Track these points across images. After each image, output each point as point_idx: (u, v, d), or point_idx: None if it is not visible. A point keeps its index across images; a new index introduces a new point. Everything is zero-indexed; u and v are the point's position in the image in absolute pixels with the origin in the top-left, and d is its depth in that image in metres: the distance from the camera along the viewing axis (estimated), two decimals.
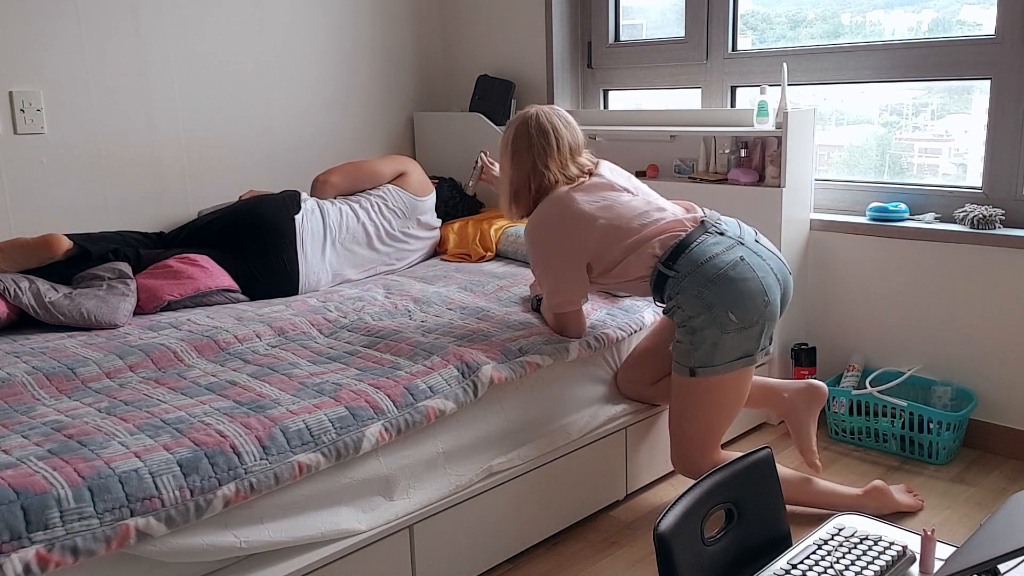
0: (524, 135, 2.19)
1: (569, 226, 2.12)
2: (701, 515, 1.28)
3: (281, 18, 3.27)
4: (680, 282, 2.03)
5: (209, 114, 3.10)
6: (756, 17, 3.10)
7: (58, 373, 1.90)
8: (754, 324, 2.01)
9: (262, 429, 1.63)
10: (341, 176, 3.00)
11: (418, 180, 3.11)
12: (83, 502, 1.38)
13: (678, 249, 2.05)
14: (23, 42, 2.66)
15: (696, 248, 2.04)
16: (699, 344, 2.02)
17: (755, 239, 2.13)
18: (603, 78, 3.50)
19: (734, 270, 2.00)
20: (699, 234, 2.07)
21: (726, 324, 1.98)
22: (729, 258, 2.02)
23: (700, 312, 2.00)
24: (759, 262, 2.05)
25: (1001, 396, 2.57)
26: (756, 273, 2.02)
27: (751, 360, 2.04)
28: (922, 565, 1.23)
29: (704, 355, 2.02)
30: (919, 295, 2.68)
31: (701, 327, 2.00)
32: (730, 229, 2.11)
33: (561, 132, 2.19)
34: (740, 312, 1.98)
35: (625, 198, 2.17)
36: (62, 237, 2.45)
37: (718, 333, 2.00)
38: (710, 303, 1.99)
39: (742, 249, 2.05)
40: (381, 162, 3.10)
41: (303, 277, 2.69)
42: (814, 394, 2.25)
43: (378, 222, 2.93)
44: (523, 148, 2.19)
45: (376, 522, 1.78)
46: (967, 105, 2.69)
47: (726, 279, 1.99)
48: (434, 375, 1.92)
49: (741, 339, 2.01)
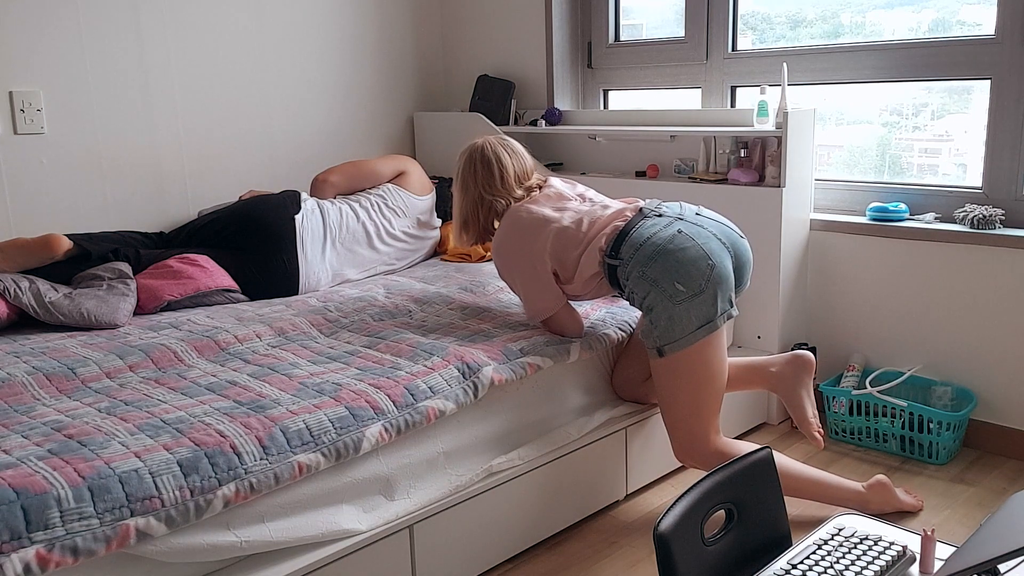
0: (470, 167, 2.31)
1: (524, 234, 2.20)
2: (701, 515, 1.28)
3: (281, 18, 3.27)
4: (626, 268, 2.07)
5: (209, 114, 3.10)
6: (756, 17, 3.10)
7: (58, 373, 1.90)
8: (703, 290, 2.02)
9: (262, 429, 1.63)
10: (340, 175, 3.00)
11: (418, 180, 3.11)
12: (83, 502, 1.38)
13: (619, 238, 2.10)
14: (23, 42, 2.66)
15: (635, 232, 2.09)
16: (656, 322, 2.05)
17: (696, 213, 2.17)
18: (603, 78, 3.50)
19: (671, 243, 2.04)
20: (637, 220, 2.13)
21: (675, 295, 2.01)
22: (667, 233, 2.06)
23: (649, 290, 2.03)
24: (698, 231, 2.08)
25: (1001, 396, 2.57)
26: (695, 241, 2.05)
27: (713, 326, 2.05)
28: (922, 565, 1.23)
29: (664, 331, 2.04)
30: (919, 295, 2.68)
31: (653, 304, 2.04)
32: (669, 210, 2.16)
33: (505, 162, 2.29)
34: (685, 280, 2.01)
35: (573, 204, 2.25)
36: (62, 237, 2.45)
37: (670, 306, 2.02)
38: (654, 279, 2.03)
39: (679, 224, 2.10)
40: (380, 162, 3.10)
41: (303, 277, 2.69)
42: (801, 363, 2.26)
43: (378, 222, 2.93)
44: (469, 179, 2.31)
45: (376, 522, 1.78)
46: (967, 105, 2.69)
47: (664, 252, 2.03)
48: (434, 375, 1.92)
49: (695, 306, 2.02)
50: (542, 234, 2.18)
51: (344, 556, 1.72)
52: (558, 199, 2.27)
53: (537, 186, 2.33)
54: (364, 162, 3.09)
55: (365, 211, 2.92)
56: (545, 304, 2.21)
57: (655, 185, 3.02)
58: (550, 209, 2.23)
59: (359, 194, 3.00)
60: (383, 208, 2.96)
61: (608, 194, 3.12)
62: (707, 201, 2.87)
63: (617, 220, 2.15)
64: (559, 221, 2.18)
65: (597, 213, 2.20)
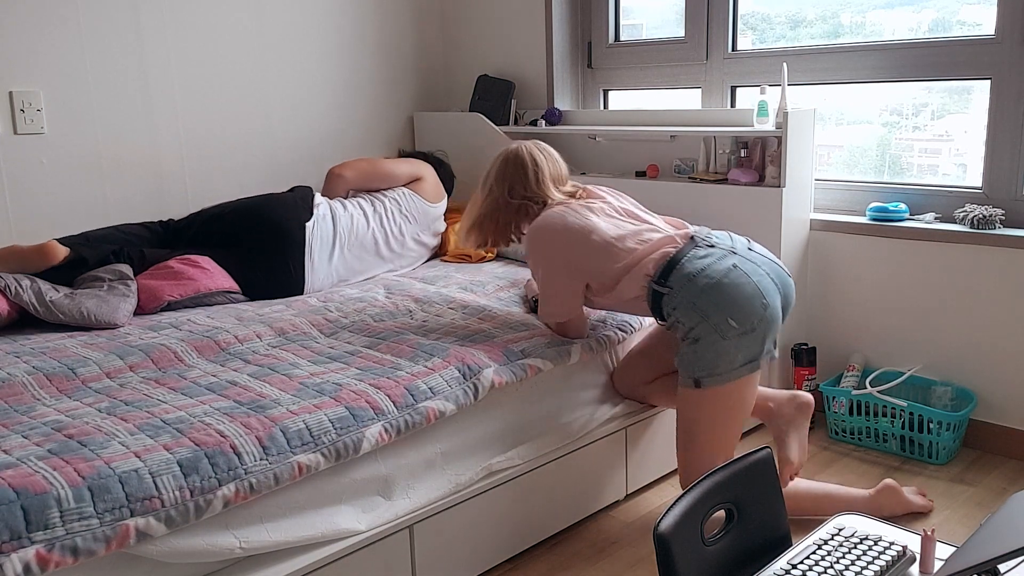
0: (502, 168, 2.26)
1: (566, 238, 2.13)
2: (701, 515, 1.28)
3: (281, 18, 3.27)
4: (675, 297, 2.01)
5: (209, 114, 3.10)
6: (756, 17, 3.10)
7: (58, 373, 1.90)
8: (754, 328, 1.99)
9: (262, 429, 1.63)
10: (355, 173, 2.98)
11: (433, 187, 3.08)
12: (83, 502, 1.38)
13: (669, 266, 2.03)
14: (23, 42, 2.66)
15: (687, 262, 2.03)
16: (702, 354, 1.99)
17: (748, 247, 2.12)
18: (603, 78, 3.50)
19: (727, 277, 1.99)
20: (689, 249, 2.06)
21: (726, 331, 1.97)
22: (722, 267, 2.00)
23: (698, 322, 1.98)
24: (753, 267, 2.03)
25: (1001, 396, 2.57)
26: (751, 278, 2.00)
27: (755, 366, 2.02)
28: (922, 565, 1.23)
29: (708, 364, 2.00)
30: (919, 295, 2.68)
31: (701, 336, 1.98)
32: (721, 241, 2.10)
33: (540, 162, 2.25)
34: (739, 317, 1.97)
35: (620, 220, 2.19)
36: (58, 246, 2.42)
37: (719, 340, 1.98)
38: (706, 312, 1.97)
39: (734, 257, 2.04)
40: (397, 164, 3.07)
41: (308, 284, 2.67)
42: (799, 404, 2.20)
43: (388, 228, 2.90)
44: (496, 181, 2.26)
45: (376, 522, 1.78)
46: (967, 105, 2.69)
47: (720, 287, 1.97)
48: (435, 376, 1.92)
49: (743, 344, 1.99)
50: (583, 245, 2.12)
51: (344, 556, 1.72)
52: (603, 212, 2.19)
53: (581, 194, 2.27)
54: (381, 162, 3.06)
55: (378, 216, 2.89)
56: (561, 310, 2.19)
57: (655, 185, 3.02)
58: (596, 219, 2.15)
59: (375, 195, 2.97)
60: (395, 214, 2.93)
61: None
62: (707, 201, 2.87)
63: (667, 246, 2.08)
64: (604, 235, 2.11)
65: (645, 235, 2.13)
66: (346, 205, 2.87)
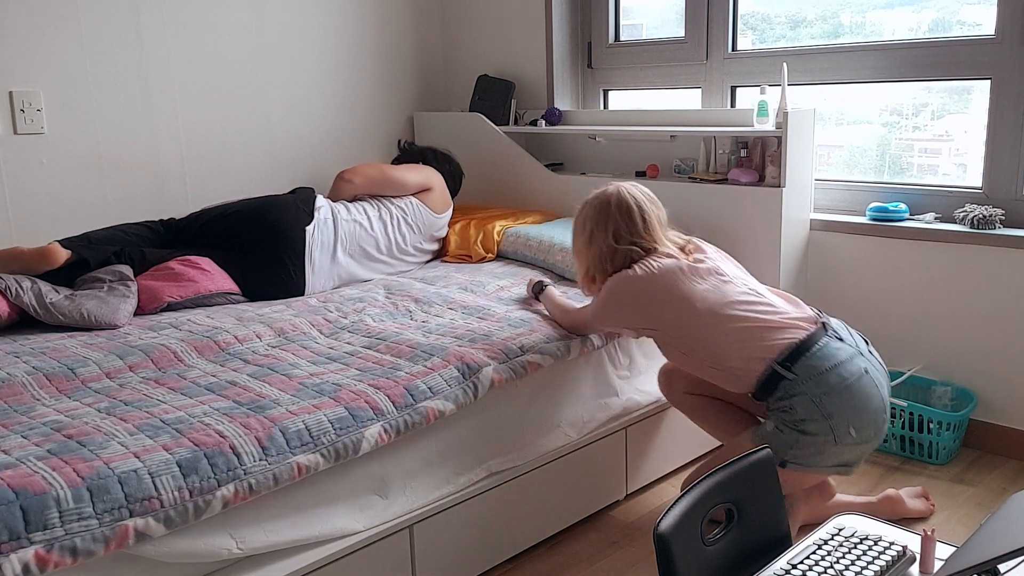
0: (602, 214, 2.11)
1: (668, 296, 2.01)
2: (701, 515, 1.28)
3: (281, 18, 3.27)
4: (798, 386, 1.91)
5: (209, 114, 3.10)
6: (756, 17, 3.10)
7: (58, 373, 1.90)
8: (869, 440, 1.93)
9: (262, 429, 1.63)
10: (365, 180, 2.94)
11: (440, 197, 3.06)
12: (82, 502, 1.38)
13: (798, 351, 1.93)
14: (23, 42, 2.66)
15: (818, 352, 1.92)
16: (804, 446, 1.92)
17: (869, 349, 2.03)
18: (603, 78, 3.50)
19: (859, 382, 1.91)
20: (820, 336, 1.95)
21: (843, 436, 1.90)
22: (854, 368, 1.92)
23: (816, 419, 1.90)
24: (879, 376, 1.96)
25: (1001, 396, 2.57)
26: (879, 390, 1.94)
27: (847, 470, 1.97)
28: (922, 565, 1.23)
29: (805, 455, 1.93)
30: (919, 295, 2.67)
31: (814, 432, 1.91)
32: (846, 336, 2.00)
33: (647, 208, 2.12)
34: (860, 427, 1.90)
35: (731, 287, 2.04)
36: (59, 248, 2.41)
37: (830, 442, 1.90)
38: (830, 412, 1.89)
39: (864, 360, 1.95)
40: (408, 172, 3.03)
41: (308, 287, 2.67)
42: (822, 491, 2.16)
43: (392, 236, 2.88)
44: (600, 229, 2.11)
45: (374, 522, 1.78)
46: (967, 105, 2.69)
47: (851, 391, 1.90)
48: (434, 376, 1.92)
49: (849, 451, 1.93)
50: (687, 313, 1.99)
51: (344, 556, 1.72)
52: (715, 273, 2.06)
53: (689, 248, 2.15)
54: (391, 169, 3.02)
55: (382, 223, 2.88)
56: (599, 328, 2.17)
57: (655, 185, 3.01)
58: (706, 285, 2.02)
59: (380, 200, 2.95)
60: (401, 223, 2.92)
61: None
62: (707, 201, 2.87)
63: (795, 330, 1.97)
64: (711, 305, 1.99)
65: (763, 311, 2.00)
66: (349, 208, 2.85)
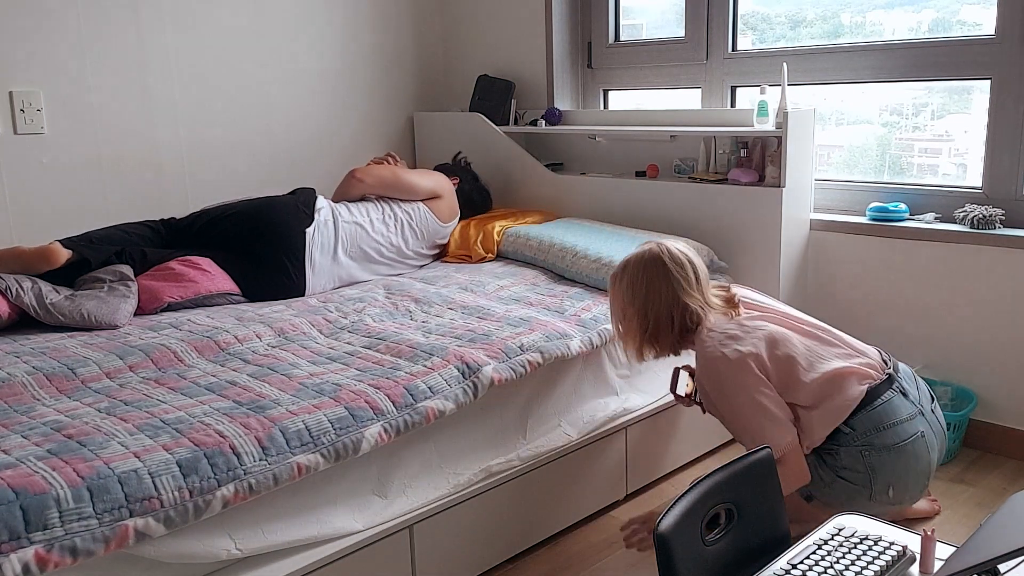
0: (657, 269, 1.98)
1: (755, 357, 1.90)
2: (701, 515, 1.28)
3: (281, 18, 3.27)
4: (852, 439, 1.87)
5: (209, 114, 3.10)
6: (756, 17, 3.10)
7: (58, 373, 1.90)
8: (903, 502, 1.90)
9: (261, 429, 1.63)
10: (376, 181, 2.92)
11: (448, 207, 3.05)
12: (82, 502, 1.38)
13: (861, 403, 1.86)
14: (23, 42, 2.66)
15: (880, 407, 1.86)
16: (838, 490, 1.90)
17: (932, 407, 1.96)
18: (603, 78, 3.50)
19: (912, 445, 1.86)
20: (884, 389, 1.88)
21: (879, 494, 1.87)
22: (911, 429, 1.86)
23: (859, 471, 1.86)
24: (935, 440, 1.90)
25: (1001, 396, 2.57)
26: (930, 453, 1.89)
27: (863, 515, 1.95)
28: (922, 565, 1.23)
29: (834, 497, 1.91)
30: (919, 295, 2.67)
31: (852, 481, 1.88)
32: (911, 390, 1.93)
33: (697, 262, 2.01)
34: (899, 490, 1.87)
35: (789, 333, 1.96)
36: (60, 249, 2.40)
37: (864, 496, 1.87)
38: (874, 469, 1.85)
39: (923, 422, 1.89)
40: (421, 177, 3.01)
41: (308, 289, 2.67)
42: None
43: (395, 240, 2.87)
44: (661, 282, 1.97)
45: (373, 522, 1.78)
46: (967, 105, 2.69)
47: (901, 453, 1.85)
48: (434, 375, 1.92)
49: (878, 507, 1.89)
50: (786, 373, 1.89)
51: (344, 556, 1.72)
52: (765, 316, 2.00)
53: (736, 299, 2.05)
54: (405, 174, 2.99)
55: (385, 225, 2.86)
56: (785, 426, 1.86)
57: (655, 185, 3.02)
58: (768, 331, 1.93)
59: (387, 202, 2.93)
60: (404, 227, 2.90)
61: (610, 195, 3.14)
62: (707, 201, 2.87)
63: (866, 379, 1.88)
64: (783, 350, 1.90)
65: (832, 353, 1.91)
66: (351, 209, 2.84)
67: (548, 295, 2.54)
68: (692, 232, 2.93)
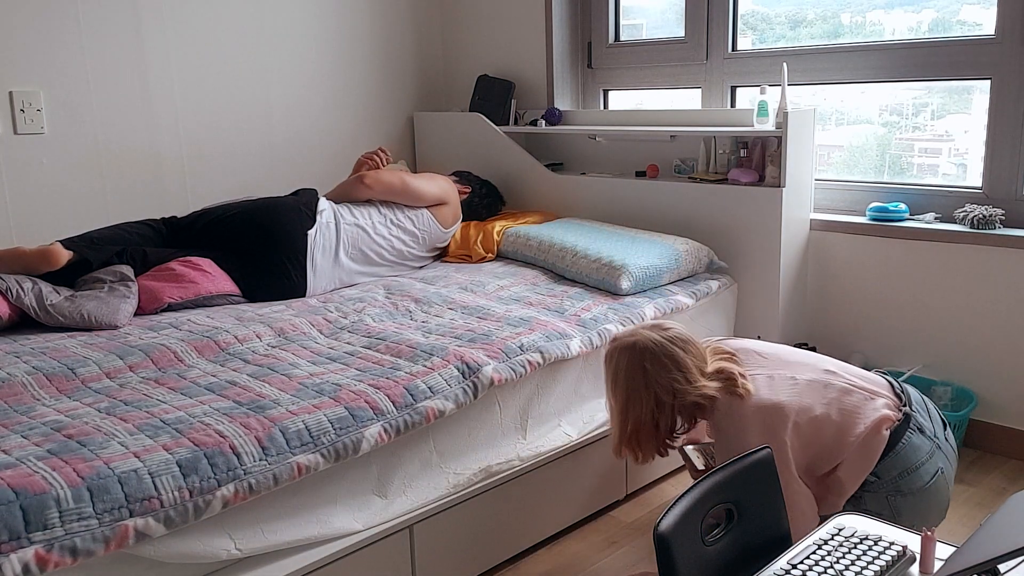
0: (636, 366, 1.85)
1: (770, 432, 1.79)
2: (701, 515, 1.28)
3: (281, 18, 3.27)
4: (878, 486, 1.82)
5: (209, 114, 3.10)
6: (756, 17, 3.10)
7: (58, 373, 1.90)
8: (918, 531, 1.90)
9: (261, 429, 1.63)
10: (385, 189, 2.90)
11: (452, 213, 3.05)
12: (82, 502, 1.38)
13: (884, 451, 1.81)
14: (23, 42, 2.66)
15: (902, 452, 1.79)
16: None
17: (944, 434, 1.90)
18: (603, 78, 3.50)
19: (934, 484, 1.82)
20: (903, 431, 1.81)
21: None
22: (932, 469, 1.81)
23: (883, 512, 1.82)
24: (951, 471, 1.86)
25: (1001, 396, 2.57)
26: (948, 487, 1.85)
27: None
28: (922, 565, 1.23)
29: None
30: (919, 295, 2.67)
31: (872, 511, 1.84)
32: (925, 423, 1.86)
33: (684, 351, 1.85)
34: (920, 525, 1.81)
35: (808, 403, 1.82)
36: (61, 249, 2.40)
37: None
38: (899, 511, 1.82)
39: (941, 456, 1.84)
40: (429, 183, 3.00)
41: (309, 290, 2.66)
42: None
43: (396, 244, 2.87)
44: (640, 384, 1.85)
45: (372, 521, 1.78)
46: (967, 105, 2.69)
47: (924, 493, 1.81)
48: (434, 375, 1.92)
49: None
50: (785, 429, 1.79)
51: (344, 556, 1.72)
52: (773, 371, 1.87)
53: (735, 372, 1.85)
54: (413, 181, 2.97)
55: (387, 229, 2.86)
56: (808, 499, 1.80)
57: (655, 185, 3.02)
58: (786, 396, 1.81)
59: (391, 205, 2.92)
60: (406, 231, 2.90)
61: (610, 195, 3.14)
62: (707, 201, 2.87)
63: (887, 423, 1.80)
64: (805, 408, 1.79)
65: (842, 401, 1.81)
66: (353, 211, 2.83)
67: (548, 295, 2.54)
68: (692, 232, 2.93)
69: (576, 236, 2.81)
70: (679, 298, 2.57)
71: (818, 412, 1.80)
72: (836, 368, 1.90)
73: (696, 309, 2.65)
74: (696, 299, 2.62)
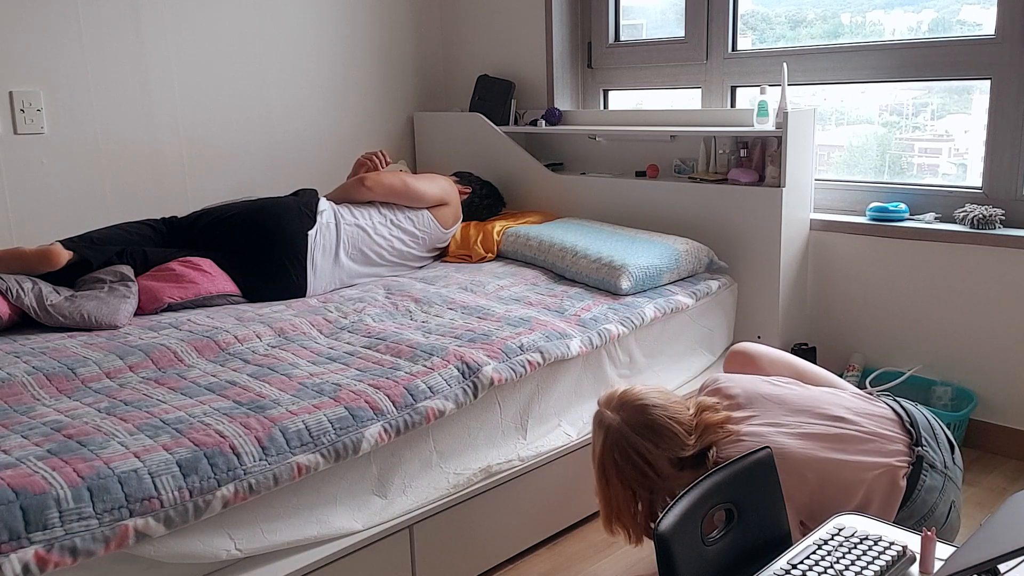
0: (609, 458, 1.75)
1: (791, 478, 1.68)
2: (701, 515, 1.28)
3: (281, 18, 3.27)
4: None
5: (209, 114, 3.10)
6: (756, 17, 3.10)
7: (58, 373, 1.90)
8: None
9: (261, 429, 1.63)
10: (386, 191, 2.90)
11: (453, 214, 3.05)
12: (82, 502, 1.38)
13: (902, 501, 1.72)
14: (23, 42, 2.66)
15: (918, 499, 1.71)
16: None
17: (952, 459, 1.80)
18: (603, 78, 3.50)
19: (948, 521, 1.78)
20: (918, 473, 1.72)
21: None
22: (945, 507, 1.75)
23: None
24: (960, 499, 1.80)
25: (1001, 396, 2.57)
26: (960, 519, 1.81)
27: None
28: (922, 565, 1.23)
29: None
30: (919, 295, 2.67)
31: None
32: (935, 455, 1.76)
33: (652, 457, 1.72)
34: None
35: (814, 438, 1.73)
36: (61, 250, 2.39)
37: None
38: None
39: (951, 487, 1.76)
40: (430, 184, 3.00)
41: (309, 291, 2.66)
42: None
43: (396, 244, 2.87)
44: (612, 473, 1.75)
45: (372, 521, 1.78)
46: (967, 105, 2.69)
47: (940, 531, 1.75)
48: (434, 375, 1.92)
49: None
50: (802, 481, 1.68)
51: (344, 556, 1.72)
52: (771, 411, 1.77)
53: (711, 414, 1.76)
54: (414, 183, 2.97)
55: (387, 229, 2.86)
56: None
57: (655, 185, 3.02)
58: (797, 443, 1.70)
59: (391, 206, 2.92)
60: (407, 232, 2.90)
61: (610, 195, 3.14)
62: (707, 201, 2.87)
63: (902, 470, 1.71)
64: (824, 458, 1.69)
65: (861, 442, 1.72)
66: (354, 212, 2.83)
67: (548, 295, 2.54)
68: (692, 232, 2.93)
69: (576, 236, 2.81)
70: (679, 298, 2.57)
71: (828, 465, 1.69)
72: (848, 413, 1.78)
73: (696, 309, 2.65)
74: (696, 299, 2.62)
